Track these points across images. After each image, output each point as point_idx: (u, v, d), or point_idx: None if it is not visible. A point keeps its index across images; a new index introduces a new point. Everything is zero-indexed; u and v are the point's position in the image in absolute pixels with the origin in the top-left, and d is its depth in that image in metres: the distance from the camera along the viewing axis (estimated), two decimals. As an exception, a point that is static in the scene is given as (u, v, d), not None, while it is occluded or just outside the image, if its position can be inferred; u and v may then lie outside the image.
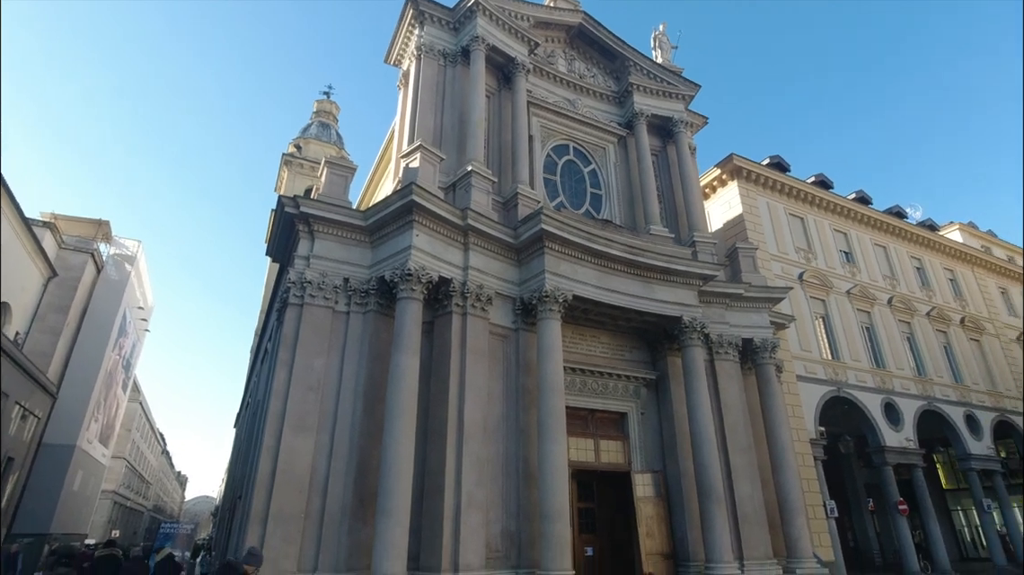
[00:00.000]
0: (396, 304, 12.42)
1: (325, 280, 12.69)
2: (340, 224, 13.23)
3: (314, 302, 12.46)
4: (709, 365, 16.21)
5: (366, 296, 13.06)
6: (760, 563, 14.48)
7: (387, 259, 12.98)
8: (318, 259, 12.88)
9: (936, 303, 28.16)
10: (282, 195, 13.17)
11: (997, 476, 25.72)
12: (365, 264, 13.34)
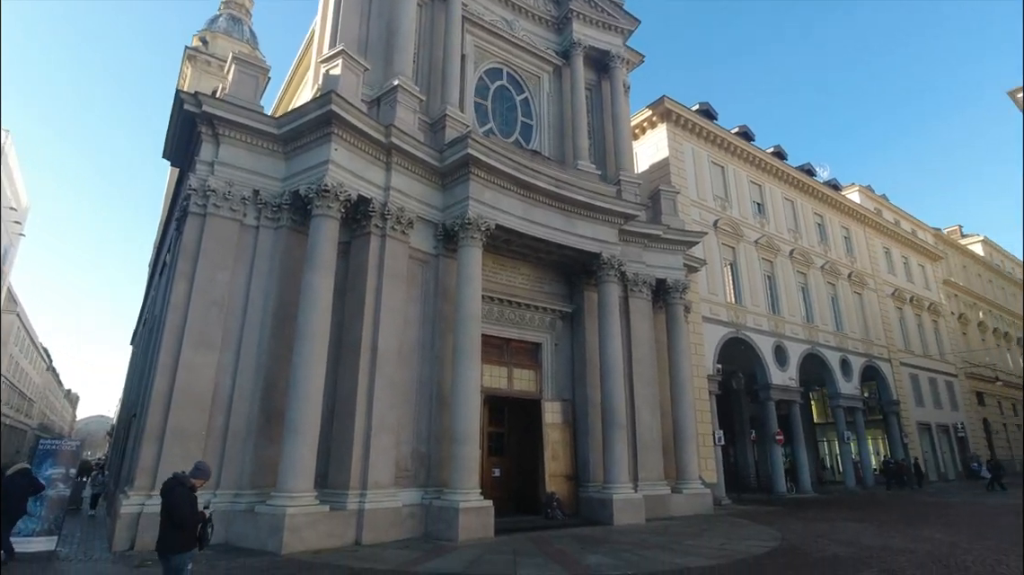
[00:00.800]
0: (311, 221, 11.79)
1: (232, 190, 11.77)
2: (250, 130, 12.18)
3: (219, 212, 11.58)
4: (623, 301, 16.84)
5: (278, 211, 12.30)
6: (653, 484, 15.76)
7: (302, 173, 12.19)
8: (224, 167, 11.87)
9: (830, 258, 30.54)
10: (181, 91, 11.87)
11: (858, 413, 29.15)
12: (278, 176, 12.47)
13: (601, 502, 14.40)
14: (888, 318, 33.23)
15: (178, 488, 5.51)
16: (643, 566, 9.11)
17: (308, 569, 8.63)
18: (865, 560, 9.42)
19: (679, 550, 10.61)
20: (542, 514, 14.58)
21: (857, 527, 13.64)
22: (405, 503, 11.75)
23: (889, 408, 31.03)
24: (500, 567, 8.96)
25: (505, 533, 12.03)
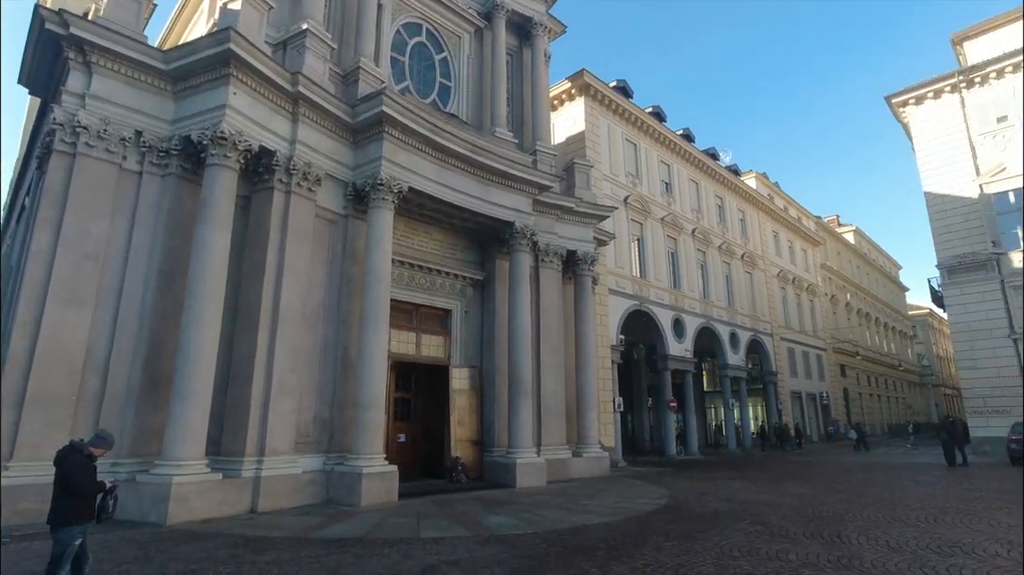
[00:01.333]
0: (205, 171, 10.82)
1: (108, 129, 10.50)
2: (130, 62, 10.86)
3: (92, 153, 10.31)
4: (534, 271, 17.07)
5: (166, 156, 11.17)
6: (555, 448, 16.34)
7: (195, 116, 11.11)
8: (98, 101, 10.55)
9: (727, 238, 32.64)
10: (43, 7, 10.33)
11: (743, 382, 31.81)
12: (166, 118, 11.29)
13: (505, 466, 14.76)
14: (773, 296, 36.22)
15: (73, 455, 5.00)
16: (543, 525, 9.46)
17: (195, 538, 8.18)
18: (740, 514, 10.34)
19: (577, 509, 11.12)
20: (447, 478, 14.73)
21: (735, 485, 14.94)
22: (306, 470, 11.40)
23: (768, 378, 34.08)
24: (403, 530, 8.96)
25: (409, 497, 12.04)
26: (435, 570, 6.58)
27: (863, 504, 11.27)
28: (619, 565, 6.76)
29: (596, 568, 6.63)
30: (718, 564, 6.74)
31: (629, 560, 6.99)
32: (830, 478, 16.51)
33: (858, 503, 11.43)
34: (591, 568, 6.64)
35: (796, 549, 7.46)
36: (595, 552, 7.46)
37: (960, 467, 18.58)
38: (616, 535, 8.60)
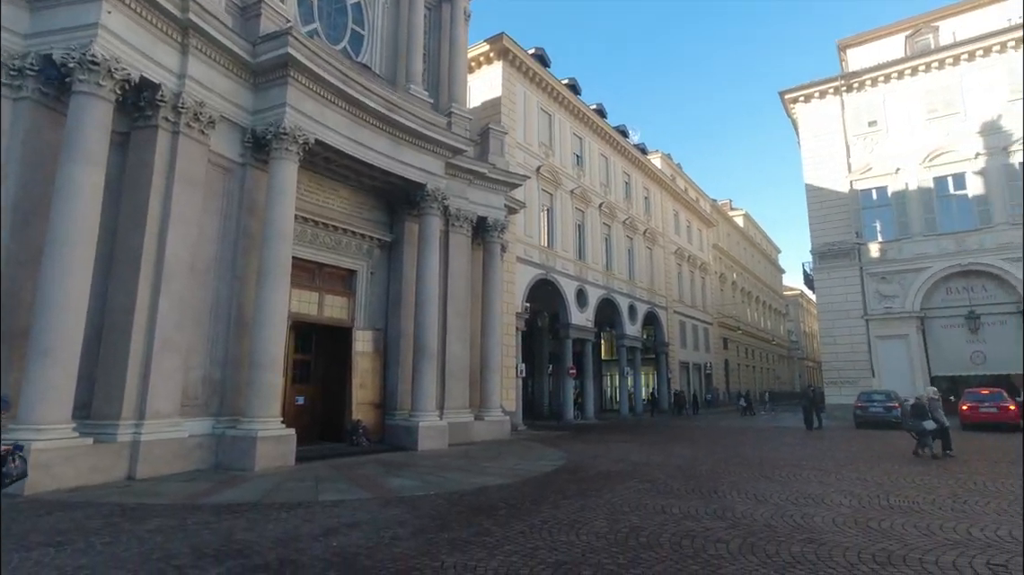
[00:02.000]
0: (71, 98, 9.49)
1: (-52, 39, 8.89)
2: (-22, -39, 9.20)
3: (-74, 65, 8.71)
4: (443, 235, 16.85)
5: (20, 76, 9.65)
6: (458, 411, 16.50)
7: (59, 33, 9.65)
8: (-65, 4, 8.88)
9: (632, 214, 33.99)
10: None
11: (638, 352, 33.73)
12: (20, 31, 9.72)
13: (407, 429, 14.71)
14: (670, 272, 38.42)
15: None
16: (444, 486, 9.56)
17: (62, 508, 7.43)
18: (631, 473, 11.04)
19: (477, 471, 11.34)
20: (347, 442, 14.44)
21: (627, 447, 15.91)
22: (193, 434, 10.67)
23: (661, 349, 36.37)
24: (301, 493, 8.69)
25: (307, 461, 11.69)
26: (336, 533, 6.45)
27: (736, 463, 12.44)
28: (519, 522, 6.99)
29: (497, 526, 6.81)
30: (610, 519, 7.17)
31: (528, 518, 7.25)
32: (710, 440, 18.04)
33: (732, 462, 12.59)
34: (493, 526, 6.81)
35: (679, 503, 8.09)
36: (496, 511, 7.66)
37: (816, 430, 20.99)
38: (516, 495, 8.88)
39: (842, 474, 10.72)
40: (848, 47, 31.15)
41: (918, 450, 13.25)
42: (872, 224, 27.16)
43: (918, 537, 6.24)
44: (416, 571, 5.13)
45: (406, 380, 15.51)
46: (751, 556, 5.59)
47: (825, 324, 27.82)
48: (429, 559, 5.47)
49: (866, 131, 27.78)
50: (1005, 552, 5.63)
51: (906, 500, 8.20)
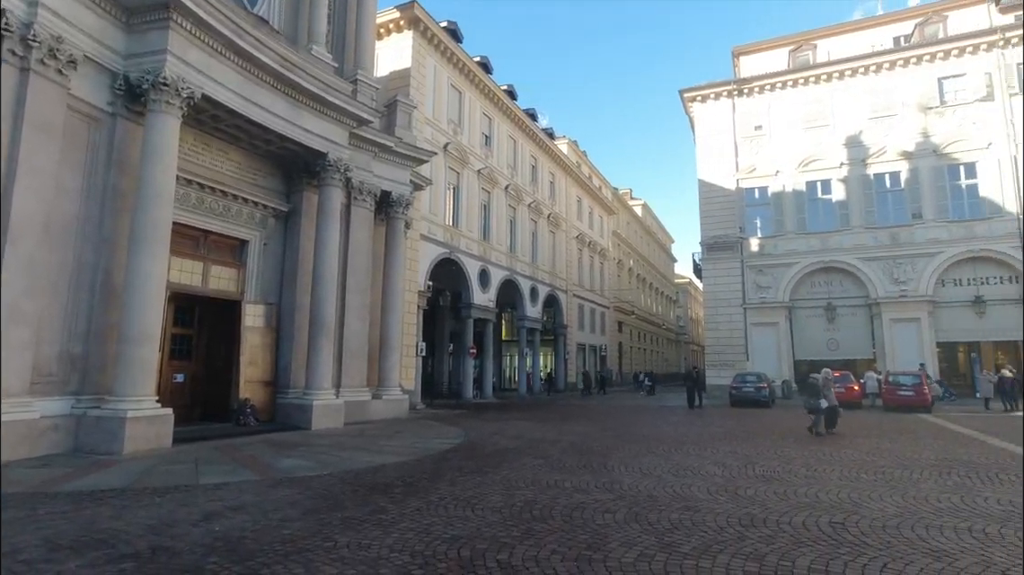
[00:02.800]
0: None
1: None
2: None
3: None
4: (345, 208, 16.16)
5: None
6: (355, 390, 16.04)
7: None
8: None
9: (537, 198, 34.53)
10: None
11: (537, 333, 34.59)
12: None
13: (300, 408, 14.10)
14: (571, 256, 39.59)
15: None
16: (340, 466, 9.28)
17: None
18: (527, 450, 11.34)
19: (374, 450, 11.13)
20: (233, 422, 13.58)
21: (524, 425, 16.31)
22: (46, 414, 9.51)
23: (560, 331, 37.55)
24: (178, 477, 8.05)
25: (187, 443, 10.85)
26: (219, 517, 6.05)
27: (625, 439, 13.17)
28: (416, 500, 6.94)
29: (393, 504, 6.73)
30: (505, 494, 7.32)
31: (425, 495, 7.22)
32: (602, 418, 18.95)
33: (621, 439, 13.32)
34: (388, 504, 6.72)
35: (571, 478, 8.43)
36: (393, 489, 7.56)
37: (697, 408, 22.73)
38: (414, 473, 8.81)
39: (717, 448, 11.69)
40: (742, 54, 33.43)
41: (813, 427, 13.73)
42: (754, 221, 29.61)
43: (776, 501, 6.95)
44: (307, 552, 4.94)
45: (300, 357, 14.82)
46: (635, 524, 5.95)
47: (710, 311, 30.08)
48: (321, 539, 5.30)
49: (753, 134, 30.06)
50: (843, 512, 6.42)
51: (768, 470, 9.10)
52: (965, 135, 26.13)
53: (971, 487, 7.71)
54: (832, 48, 30.80)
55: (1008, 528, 5.75)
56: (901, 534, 5.57)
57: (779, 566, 4.70)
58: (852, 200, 27.68)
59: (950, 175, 26.37)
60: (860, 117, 28.04)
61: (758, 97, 30.12)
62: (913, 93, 27.25)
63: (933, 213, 26.28)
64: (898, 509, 6.54)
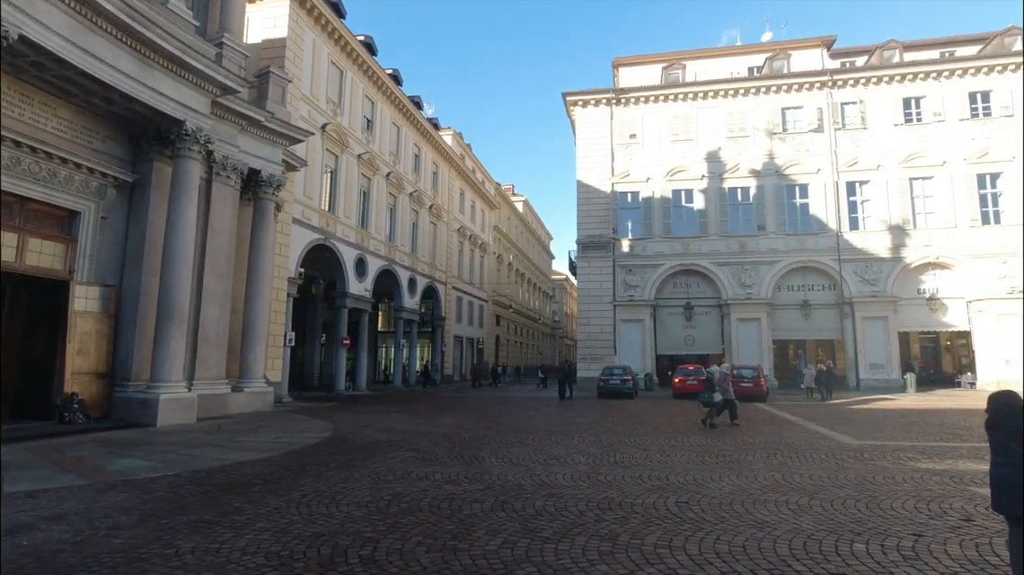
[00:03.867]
0: None
1: None
2: None
3: None
4: (205, 184, 14.74)
5: None
6: (212, 382, 14.72)
7: None
8: None
9: (419, 188, 33.97)
10: None
11: (415, 324, 34.10)
12: None
13: (144, 402, 12.65)
14: (451, 248, 39.49)
15: None
16: (189, 465, 8.45)
17: None
18: (398, 442, 11.13)
19: (232, 446, 10.30)
20: (56, 419, 11.85)
21: (397, 418, 16.00)
22: None
23: (438, 323, 37.33)
24: (-27, 486, 6.83)
25: (-11, 445, 9.25)
26: (28, 529, 5.22)
27: (497, 430, 13.41)
28: (276, 498, 6.52)
29: (249, 504, 6.26)
30: (374, 488, 7.12)
31: (287, 492, 6.81)
32: (477, 410, 19.14)
33: (494, 429, 13.54)
34: (244, 504, 6.24)
35: (442, 470, 8.40)
36: (250, 488, 7.04)
37: (568, 400, 23.74)
38: (275, 469, 8.28)
39: (583, 437, 12.29)
40: (621, 65, 35.35)
41: (707, 420, 13.80)
42: (626, 223, 31.52)
43: (632, 485, 7.46)
44: (141, 561, 4.43)
45: (145, 346, 13.28)
46: (501, 512, 6.06)
47: (582, 307, 31.56)
48: (160, 547, 4.78)
49: (628, 142, 31.96)
50: (688, 492, 7.04)
51: (627, 456, 9.74)
52: (800, 160, 29.84)
53: (791, 466, 8.82)
54: (699, 70, 33.63)
55: (815, 500, 6.65)
56: (733, 509, 6.22)
57: (630, 544, 5.03)
58: (710, 210, 30.46)
59: (788, 194, 29.98)
60: (719, 135, 30.93)
61: (634, 107, 32.07)
62: (762, 119, 30.58)
63: (774, 226, 29.73)
64: (733, 487, 7.31)
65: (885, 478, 7.85)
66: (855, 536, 5.27)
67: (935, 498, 6.70)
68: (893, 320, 28.06)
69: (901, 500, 6.60)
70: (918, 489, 7.16)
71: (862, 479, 7.77)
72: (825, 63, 32.19)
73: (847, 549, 4.92)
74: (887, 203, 28.69)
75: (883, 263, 28.34)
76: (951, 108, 28.66)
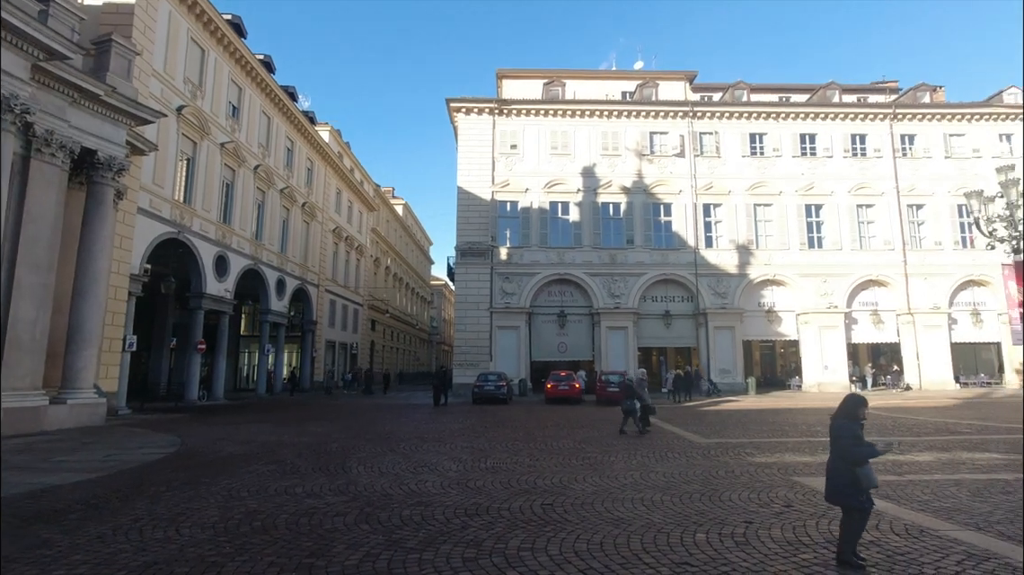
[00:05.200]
0: None
1: None
2: None
3: None
4: (23, 161, 12.67)
5: None
6: (23, 394, 12.62)
7: None
8: None
9: (292, 184, 32.04)
10: None
11: (282, 329, 31.98)
12: None
13: (-72, 419, 10.50)
14: (325, 249, 37.66)
15: None
16: (-19, 492, 7.11)
17: None
18: (257, 455, 10.29)
19: (46, 468, 8.88)
20: None
21: (258, 428, 14.83)
22: None
23: (308, 327, 35.33)
24: None
25: None
26: None
27: (368, 438, 12.91)
28: (98, 525, 5.69)
29: (64, 534, 5.40)
30: (224, 507, 6.48)
31: (114, 518, 5.97)
32: (347, 418, 18.30)
33: (363, 438, 13.02)
34: (57, 535, 5.37)
35: (304, 483, 7.88)
36: (66, 516, 6.08)
37: (443, 406, 23.55)
38: (101, 492, 7.24)
39: (456, 443, 12.21)
40: (505, 77, 36.07)
41: (624, 427, 13.61)
42: (504, 231, 32.08)
43: (500, 490, 7.51)
44: None
45: (-67, 351, 11.06)
46: (365, 525, 5.79)
47: (459, 313, 31.54)
48: (-73, 596, 3.93)
49: (509, 152, 32.63)
50: (554, 494, 7.24)
51: (498, 462, 9.82)
52: (665, 181, 32.40)
53: (648, 465, 9.43)
54: (578, 88, 35.31)
55: (667, 495, 7.14)
56: (594, 508, 6.49)
57: (494, 548, 5.04)
58: (585, 222, 32.00)
59: (654, 211, 32.38)
60: (595, 152, 32.66)
61: (516, 119, 32.85)
62: (633, 140, 32.80)
63: (641, 240, 31.91)
64: (595, 488, 7.64)
65: (726, 472, 8.65)
66: (697, 527, 5.72)
67: (764, 488, 7.50)
68: (739, 329, 31.31)
69: (737, 492, 7.30)
70: (752, 481, 7.97)
71: (707, 474, 8.51)
72: (688, 95, 35.32)
73: (690, 539, 5.32)
74: (736, 225, 32.05)
75: (731, 278, 31.57)
76: (786, 145, 32.80)
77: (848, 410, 4.57)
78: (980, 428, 14.08)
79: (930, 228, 32.34)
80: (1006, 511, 6.26)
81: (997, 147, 32.97)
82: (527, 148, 32.63)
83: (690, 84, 35.99)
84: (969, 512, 6.24)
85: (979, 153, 32.78)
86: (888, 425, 14.95)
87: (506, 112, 32.75)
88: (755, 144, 33.10)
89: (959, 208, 31.60)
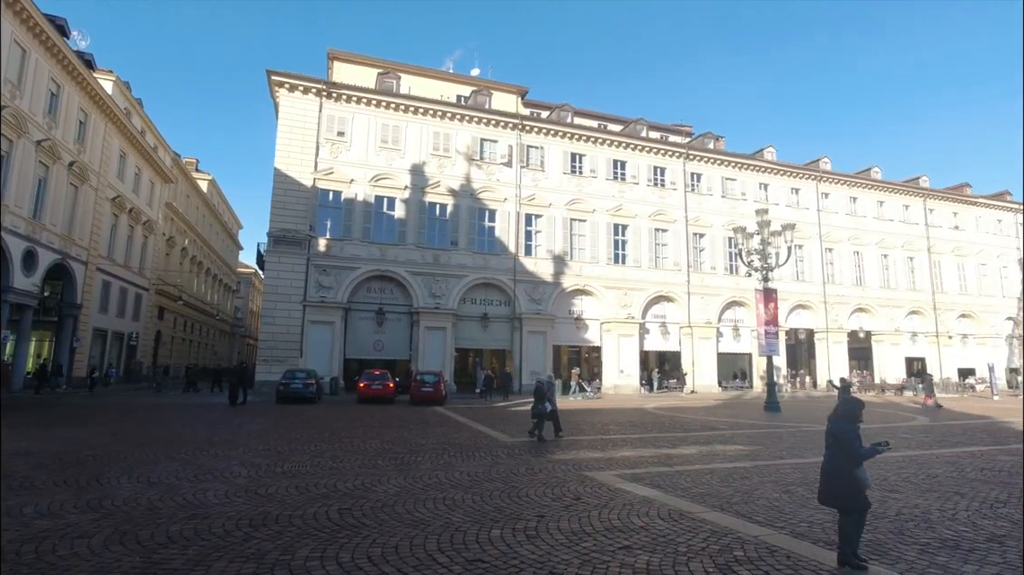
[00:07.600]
0: None
1: None
2: None
3: None
4: None
5: None
6: None
7: None
8: None
9: (54, 136, 26.54)
10: None
11: (29, 311, 26.23)
12: None
13: None
14: (101, 221, 31.88)
15: None
16: None
17: None
18: (-27, 466, 8.22)
19: None
20: None
21: (-19, 432, 11.92)
22: None
23: (69, 311, 29.52)
24: None
25: None
26: None
27: (142, 444, 11.14)
28: None
29: None
30: (-96, 537, 5.00)
31: None
32: (118, 419, 15.64)
33: (135, 443, 11.22)
34: None
35: (38, 501, 6.48)
36: None
37: (240, 405, 21.33)
38: None
39: (250, 446, 11.10)
40: (337, 59, 34.15)
41: (535, 431, 12.91)
42: (324, 221, 30.25)
43: (295, 495, 6.96)
44: None
45: None
46: (119, 546, 4.92)
47: (268, 305, 28.95)
48: None
49: (335, 139, 30.90)
50: (353, 498, 6.91)
51: (297, 465, 9.12)
52: (492, 187, 33.42)
53: (454, 464, 9.52)
54: (413, 84, 34.79)
55: (468, 494, 7.25)
56: (395, 511, 6.31)
57: (278, 561, 4.61)
58: (410, 220, 31.57)
59: (479, 216, 33.18)
60: (425, 151, 32.45)
61: (345, 105, 31.25)
62: (463, 144, 33.28)
63: (465, 243, 32.45)
64: (398, 489, 7.46)
65: (527, 470, 9.09)
66: (494, 523, 5.88)
67: (558, 483, 8.01)
68: (551, 335, 33.47)
69: (535, 488, 7.69)
70: (548, 477, 8.47)
71: (509, 472, 8.84)
72: (519, 108, 36.93)
73: (486, 536, 5.43)
74: (554, 236, 34.26)
75: (547, 286, 33.64)
76: (601, 168, 36.03)
77: (849, 413, 4.68)
78: (732, 424, 16.81)
79: (708, 254, 38.03)
80: (743, 494, 7.48)
81: (758, 193, 40.04)
82: (355, 137, 31.28)
83: (522, 99, 37.70)
84: (717, 496, 7.33)
85: (745, 196, 39.47)
86: (666, 423, 17.13)
87: (335, 96, 31.05)
88: (575, 163, 35.80)
89: (729, 240, 37.61)
